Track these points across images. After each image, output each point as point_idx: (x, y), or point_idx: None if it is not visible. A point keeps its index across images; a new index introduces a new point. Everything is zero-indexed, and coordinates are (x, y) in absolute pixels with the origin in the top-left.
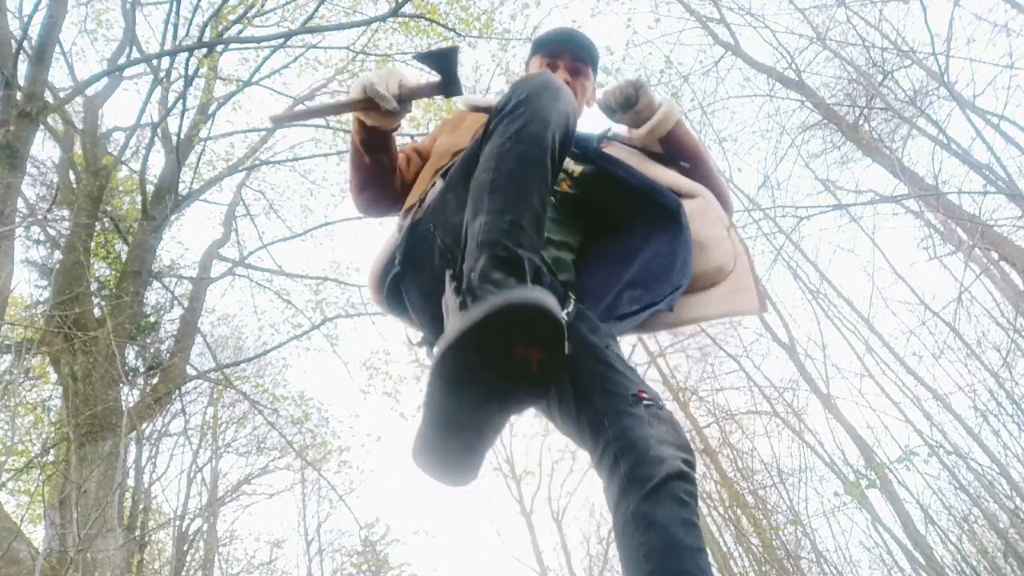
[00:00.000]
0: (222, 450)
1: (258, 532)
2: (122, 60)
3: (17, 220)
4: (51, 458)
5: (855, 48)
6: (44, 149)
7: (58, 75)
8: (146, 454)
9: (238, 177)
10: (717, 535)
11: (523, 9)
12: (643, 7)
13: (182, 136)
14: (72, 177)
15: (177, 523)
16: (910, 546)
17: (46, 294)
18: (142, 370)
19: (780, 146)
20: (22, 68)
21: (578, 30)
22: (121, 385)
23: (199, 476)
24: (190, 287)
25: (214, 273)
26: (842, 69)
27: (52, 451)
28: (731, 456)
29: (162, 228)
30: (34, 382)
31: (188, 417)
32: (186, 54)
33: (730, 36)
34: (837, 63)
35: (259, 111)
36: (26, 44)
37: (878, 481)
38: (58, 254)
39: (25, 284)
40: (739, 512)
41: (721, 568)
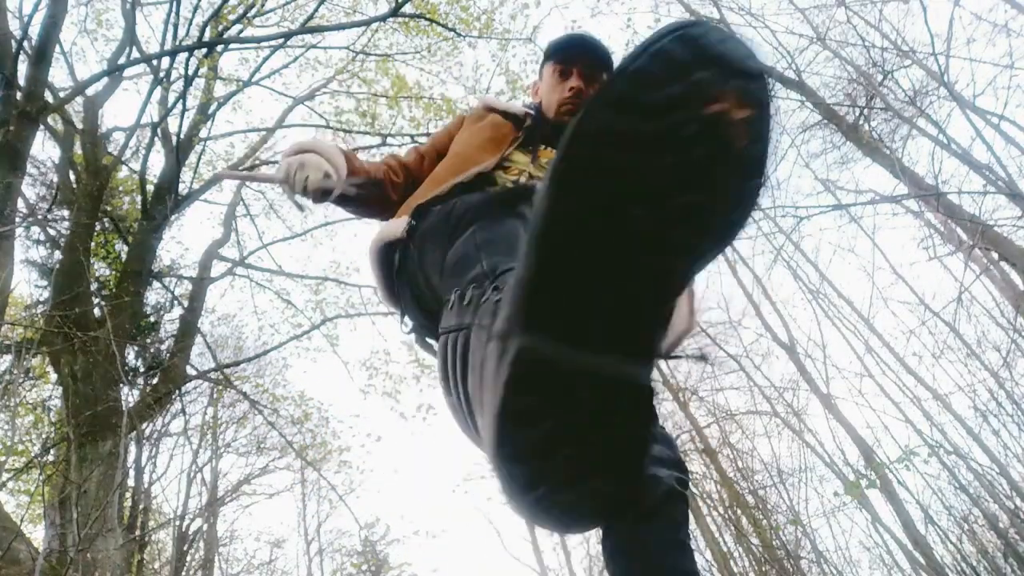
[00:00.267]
0: (222, 450)
1: (258, 532)
2: (122, 60)
3: (17, 220)
4: (51, 458)
5: (855, 48)
6: (44, 149)
7: (58, 75)
8: (146, 454)
9: None
10: (717, 535)
11: (523, 9)
12: (643, 7)
13: (182, 136)
14: (72, 177)
15: (177, 523)
16: (910, 546)
17: (46, 294)
18: (142, 370)
19: (780, 146)
20: (22, 68)
21: (593, 37)
22: (121, 385)
23: (199, 476)
24: (190, 287)
25: (214, 273)
26: (842, 69)
27: (52, 451)
28: (731, 456)
29: (162, 228)
30: (34, 382)
31: (188, 417)
32: (186, 54)
33: None
34: (837, 63)
35: (259, 111)
36: (26, 44)
37: (878, 481)
38: (58, 254)
39: (25, 284)
40: (739, 512)
41: (721, 568)
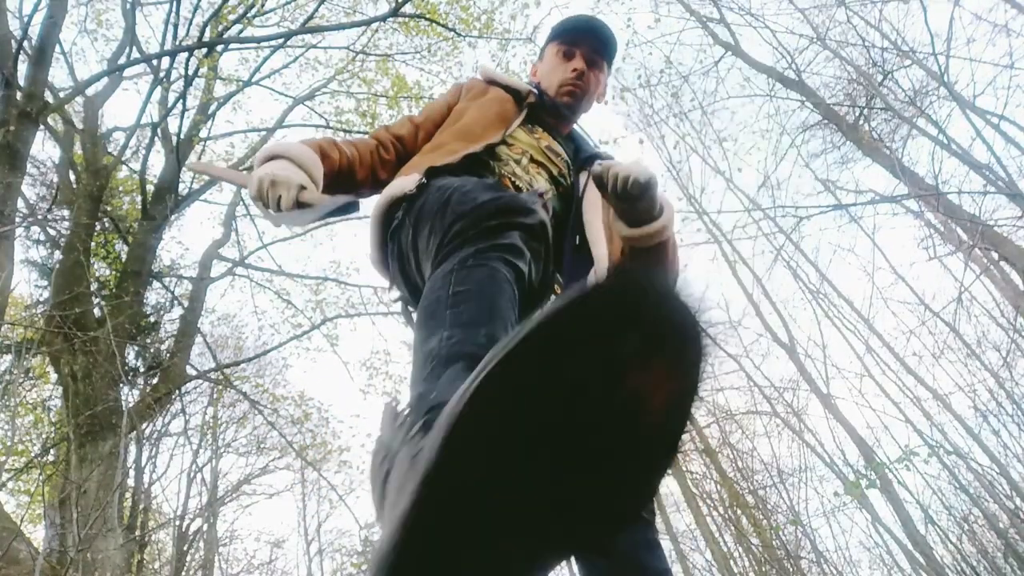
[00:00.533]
0: (222, 450)
1: (258, 532)
2: (122, 60)
3: (17, 220)
4: (51, 458)
5: (855, 48)
6: (44, 149)
7: (58, 75)
8: (146, 454)
9: None
10: (717, 535)
11: (523, 9)
12: (643, 7)
13: (182, 136)
14: (72, 177)
15: (177, 523)
16: (910, 546)
17: (46, 294)
18: (142, 370)
19: (780, 146)
20: (22, 68)
21: (600, 21)
22: (121, 385)
23: (199, 476)
24: (190, 287)
25: (214, 273)
26: (842, 69)
27: (52, 451)
28: (731, 456)
29: (162, 228)
30: (34, 382)
31: (188, 417)
32: (186, 54)
33: (730, 36)
34: (837, 63)
35: (259, 111)
36: (26, 44)
37: (878, 481)
38: (58, 254)
39: (25, 284)
40: (739, 512)
41: (721, 568)
